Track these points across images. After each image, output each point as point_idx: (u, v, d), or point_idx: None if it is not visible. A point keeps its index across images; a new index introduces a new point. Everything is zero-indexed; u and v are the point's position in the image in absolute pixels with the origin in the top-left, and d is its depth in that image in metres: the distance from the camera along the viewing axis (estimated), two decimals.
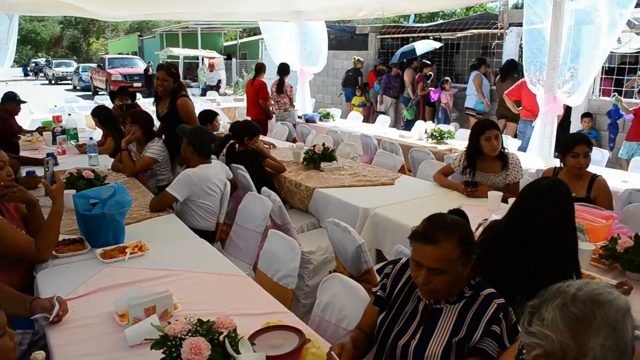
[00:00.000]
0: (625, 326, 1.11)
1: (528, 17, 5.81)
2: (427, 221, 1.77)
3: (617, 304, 1.12)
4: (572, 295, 1.14)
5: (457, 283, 1.76)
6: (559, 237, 2.07)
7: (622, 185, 4.22)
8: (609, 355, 1.08)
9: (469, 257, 1.74)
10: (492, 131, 3.73)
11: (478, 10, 16.31)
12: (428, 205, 3.62)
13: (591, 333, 1.09)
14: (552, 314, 1.12)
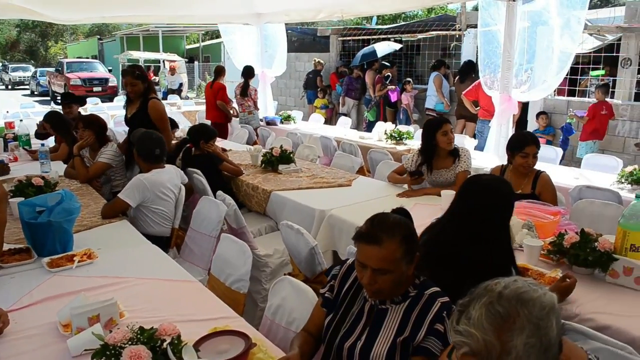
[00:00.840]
0: (549, 323, 1.12)
1: (483, 19, 5.91)
2: (370, 222, 1.77)
3: (541, 302, 1.14)
4: (498, 293, 1.15)
5: (402, 282, 1.77)
6: (497, 232, 2.11)
7: (574, 182, 4.33)
8: (532, 352, 1.09)
9: (413, 256, 1.76)
10: (448, 125, 3.82)
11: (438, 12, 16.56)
12: (384, 205, 3.60)
13: (514, 331, 1.10)
14: (479, 313, 1.13)
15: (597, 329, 2.03)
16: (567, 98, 8.50)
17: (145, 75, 4.61)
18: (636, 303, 2.26)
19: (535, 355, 1.09)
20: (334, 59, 12.87)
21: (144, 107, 4.50)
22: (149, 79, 4.63)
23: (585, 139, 7.19)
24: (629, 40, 7.74)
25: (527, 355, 1.09)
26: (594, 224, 3.41)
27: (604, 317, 2.12)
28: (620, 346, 1.77)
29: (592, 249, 2.47)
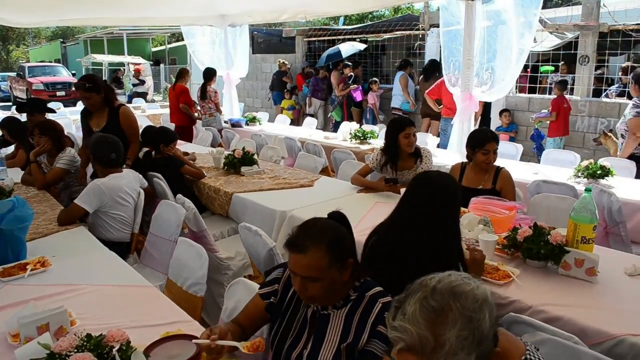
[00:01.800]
0: (482, 316, 1.14)
1: (444, 19, 5.98)
2: (298, 229, 1.76)
3: (474, 295, 1.16)
4: (432, 288, 1.17)
5: (338, 288, 1.74)
6: (445, 227, 2.14)
7: (533, 177, 4.41)
8: (465, 345, 1.11)
9: (343, 262, 1.72)
10: (411, 128, 3.83)
11: (404, 12, 16.70)
12: (345, 205, 3.65)
13: (447, 324, 1.12)
14: (413, 308, 1.15)
15: (550, 320, 2.09)
16: (528, 95, 8.66)
17: (98, 84, 4.33)
18: (587, 294, 2.32)
19: (468, 347, 1.11)
20: (300, 60, 12.88)
21: (114, 117, 4.32)
22: (104, 88, 4.37)
23: (553, 135, 7.36)
24: (586, 38, 7.93)
25: (460, 347, 1.11)
26: (550, 218, 3.51)
27: (557, 308, 2.16)
28: (567, 336, 1.82)
29: (544, 242, 2.52)
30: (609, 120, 7.41)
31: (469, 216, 2.96)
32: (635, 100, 5.03)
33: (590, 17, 7.85)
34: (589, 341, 1.94)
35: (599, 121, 7.56)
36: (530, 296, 2.27)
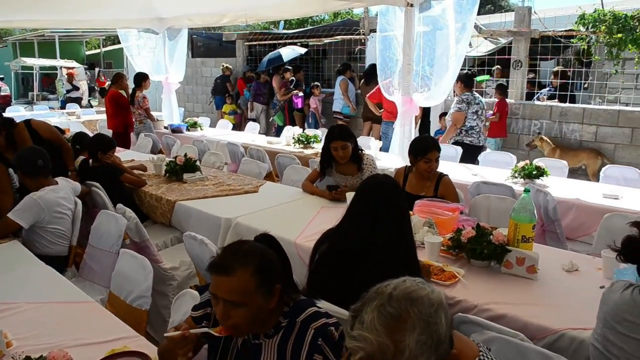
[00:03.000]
0: (438, 319, 1.16)
1: (381, 25, 6.07)
2: (223, 250, 1.66)
3: (429, 299, 1.18)
4: (388, 295, 1.18)
5: (265, 317, 1.63)
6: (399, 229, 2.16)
7: (472, 179, 4.53)
8: (424, 349, 1.12)
9: (271, 287, 1.61)
10: (338, 143, 3.80)
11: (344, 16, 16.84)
12: (291, 210, 3.66)
13: (406, 330, 1.13)
14: (371, 316, 1.15)
15: (494, 318, 2.14)
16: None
17: None
18: (529, 291, 2.40)
19: (428, 351, 1.13)
20: (240, 64, 12.77)
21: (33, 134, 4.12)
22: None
23: (494, 136, 7.61)
24: (519, 43, 8.24)
25: (420, 352, 1.12)
26: (491, 218, 3.62)
27: (501, 306, 2.23)
28: (513, 334, 1.87)
29: (487, 243, 2.59)
30: (541, 122, 7.72)
31: (414, 219, 3.00)
32: (459, 97, 5.99)
33: (522, 24, 8.16)
34: (532, 337, 2.00)
35: (532, 123, 7.87)
36: (476, 295, 2.32)
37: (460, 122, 5.95)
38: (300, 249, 2.92)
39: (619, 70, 7.32)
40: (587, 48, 7.68)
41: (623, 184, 4.70)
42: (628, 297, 1.63)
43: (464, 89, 6.08)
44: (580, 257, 2.87)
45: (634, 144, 6.96)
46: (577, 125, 7.43)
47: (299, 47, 11.75)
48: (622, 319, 1.61)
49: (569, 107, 7.57)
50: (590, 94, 8.34)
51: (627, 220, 3.09)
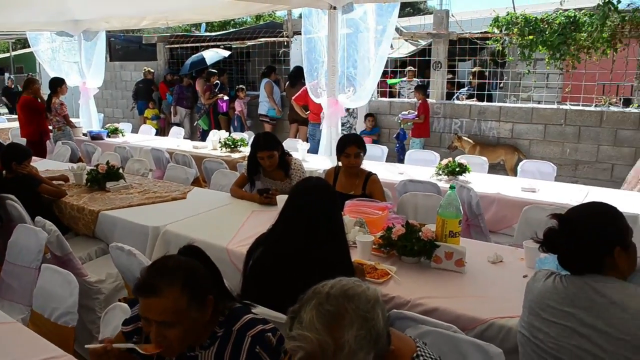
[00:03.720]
0: (375, 315, 1.19)
1: (305, 27, 6.11)
2: (147, 270, 1.58)
3: (366, 296, 1.21)
4: (326, 294, 1.20)
5: (200, 329, 1.59)
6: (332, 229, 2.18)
7: (399, 177, 4.64)
8: (363, 344, 1.15)
9: (203, 299, 1.57)
10: (264, 152, 3.78)
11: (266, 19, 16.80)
12: (221, 216, 3.60)
13: (345, 327, 1.15)
14: (310, 315, 1.17)
15: (427, 312, 2.20)
16: (389, 99, 9.13)
17: None
18: (458, 284, 2.48)
19: (367, 346, 1.15)
20: (162, 68, 12.44)
21: None
22: None
23: (418, 136, 7.83)
24: (438, 45, 8.53)
25: (359, 347, 1.14)
26: (419, 215, 3.71)
27: (432, 300, 2.28)
28: (446, 326, 1.93)
29: (417, 239, 2.65)
30: (461, 121, 8.03)
31: (345, 219, 3.02)
32: None
33: (441, 26, 8.46)
34: (464, 328, 2.07)
35: (453, 122, 8.17)
36: (408, 291, 2.37)
37: None
38: (233, 254, 2.88)
39: (531, 70, 7.73)
40: (501, 49, 8.04)
41: (539, 177, 4.97)
42: (551, 285, 1.72)
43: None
44: (503, 248, 3.00)
45: (547, 140, 7.38)
46: (494, 123, 7.78)
47: (222, 49, 11.60)
48: (546, 305, 1.69)
49: (487, 106, 7.92)
50: (506, 93, 8.77)
51: (545, 212, 3.27)
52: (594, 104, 7.30)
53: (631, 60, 7.05)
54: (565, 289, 1.68)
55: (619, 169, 6.90)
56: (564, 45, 7.09)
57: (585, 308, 1.61)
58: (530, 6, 8.69)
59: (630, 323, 1.53)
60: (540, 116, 7.42)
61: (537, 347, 1.69)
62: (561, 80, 8.10)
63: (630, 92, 7.83)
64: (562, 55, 7.16)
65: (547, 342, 1.66)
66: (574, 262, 1.70)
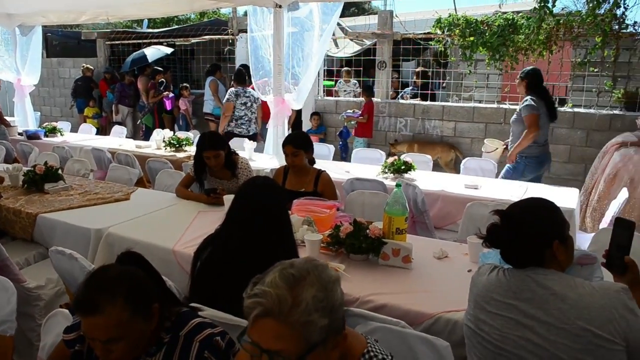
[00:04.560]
0: (335, 288, 1.24)
1: (250, 26, 6.07)
2: (85, 285, 1.50)
3: (329, 271, 1.26)
4: (289, 263, 1.26)
5: (147, 336, 1.55)
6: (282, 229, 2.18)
7: (346, 175, 4.68)
8: (319, 307, 1.18)
9: (148, 310, 1.52)
10: (210, 152, 3.74)
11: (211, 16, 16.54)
12: (167, 217, 3.53)
13: (305, 286, 1.19)
14: (272, 276, 1.21)
15: (376, 308, 2.23)
16: (335, 98, 9.18)
17: None
18: (405, 280, 2.52)
19: (323, 310, 1.18)
20: (102, 64, 12.07)
21: None
22: None
23: (362, 135, 7.91)
24: (382, 45, 8.65)
25: (315, 308, 1.18)
26: (366, 213, 3.76)
27: (381, 297, 2.32)
28: (395, 322, 1.96)
29: (364, 237, 2.68)
30: (406, 120, 8.17)
31: (293, 218, 3.03)
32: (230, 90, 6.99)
33: (385, 27, 8.58)
34: (412, 323, 2.11)
35: (398, 121, 8.30)
36: (357, 288, 2.39)
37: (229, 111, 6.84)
38: (180, 256, 2.82)
39: (472, 70, 7.95)
40: (443, 50, 8.23)
41: (481, 174, 5.13)
42: (494, 279, 1.78)
43: (237, 84, 7.04)
44: (448, 244, 3.07)
45: (488, 137, 7.60)
46: (438, 121, 7.97)
47: (164, 46, 11.36)
48: (491, 298, 1.75)
49: (430, 105, 8.10)
50: (449, 93, 8.98)
51: (487, 208, 3.40)
52: None
53: (565, 62, 7.36)
54: (508, 282, 1.74)
55: (556, 166, 7.20)
56: (502, 47, 7.34)
57: (527, 300, 1.67)
58: (471, 8, 8.91)
59: (569, 313, 1.59)
60: (481, 115, 7.64)
61: (483, 339, 1.74)
62: (500, 80, 8.37)
63: (565, 92, 8.17)
64: (501, 57, 7.41)
65: (491, 334, 1.71)
66: (515, 256, 1.76)
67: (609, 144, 5.71)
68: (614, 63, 7.06)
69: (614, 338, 1.55)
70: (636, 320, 1.58)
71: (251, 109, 6.89)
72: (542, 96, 4.96)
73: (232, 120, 6.85)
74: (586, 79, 7.47)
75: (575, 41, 7.10)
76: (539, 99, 4.91)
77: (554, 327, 1.60)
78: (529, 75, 5.02)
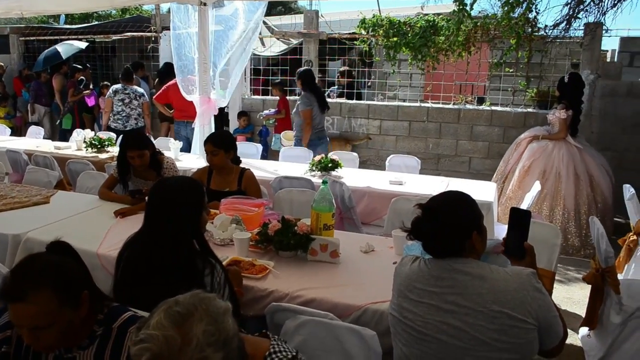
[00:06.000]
0: (226, 320, 1.18)
1: (174, 23, 5.96)
2: (12, 273, 1.49)
3: (217, 303, 1.20)
4: (174, 301, 1.18)
5: (78, 327, 1.55)
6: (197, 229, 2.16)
7: (274, 174, 4.69)
8: (211, 341, 1.13)
9: (77, 299, 1.52)
10: (134, 152, 3.67)
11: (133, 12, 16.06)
12: (90, 220, 3.42)
13: (193, 322, 1.13)
14: (157, 318, 1.14)
15: (306, 303, 2.28)
16: (262, 97, 9.16)
17: None
18: (334, 274, 2.59)
19: (215, 344, 1.13)
20: (16, 62, 11.44)
21: None
22: None
23: (281, 132, 7.92)
24: (308, 44, 8.71)
25: (207, 343, 1.12)
26: (294, 210, 3.80)
27: (310, 291, 2.37)
28: (323, 315, 2.02)
29: (293, 234, 2.72)
30: (333, 118, 8.28)
31: (222, 217, 3.03)
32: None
33: (311, 26, 8.65)
34: (341, 315, 2.17)
35: (325, 119, 8.38)
36: (286, 284, 2.43)
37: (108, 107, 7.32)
38: (105, 259, 2.75)
39: (395, 70, 8.17)
40: (368, 50, 8.40)
41: (405, 171, 5.30)
42: (416, 268, 1.86)
43: (122, 81, 7.38)
44: (375, 238, 3.17)
45: (412, 135, 7.85)
46: (364, 120, 8.13)
47: (77, 41, 10.84)
48: (413, 287, 1.83)
49: (356, 104, 8.24)
50: (374, 92, 9.17)
51: (411, 203, 3.49)
52: (452, 102, 7.88)
53: (483, 63, 7.71)
54: (430, 271, 1.83)
55: (476, 162, 7.54)
56: (424, 47, 7.58)
57: (448, 287, 1.77)
58: (394, 9, 9.13)
59: (486, 297, 1.70)
60: (405, 113, 7.87)
61: (407, 326, 1.82)
62: (423, 79, 8.65)
63: (484, 91, 8.56)
64: (423, 57, 7.65)
65: (415, 321, 1.79)
66: (436, 247, 1.86)
67: (521, 136, 6.06)
68: (527, 64, 7.47)
69: (527, 318, 1.68)
70: (544, 299, 1.72)
71: (130, 105, 7.22)
72: (314, 92, 6.10)
73: (111, 117, 7.28)
74: (502, 79, 7.86)
75: (491, 43, 7.44)
76: (311, 95, 6.04)
77: (472, 310, 1.71)
78: (302, 75, 6.18)
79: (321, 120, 6.27)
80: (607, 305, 3.21)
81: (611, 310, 3.15)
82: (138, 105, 7.30)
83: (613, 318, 3.13)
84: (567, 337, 1.83)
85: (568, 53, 7.52)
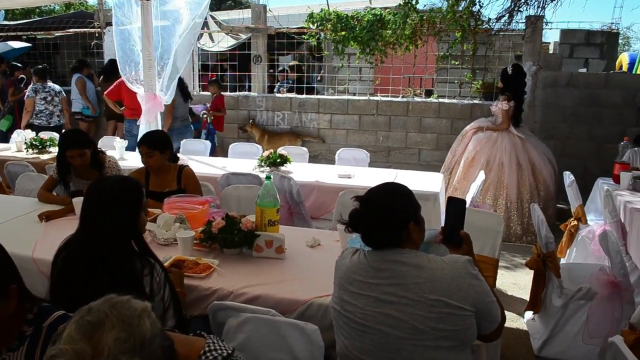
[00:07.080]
0: (142, 322, 1.14)
1: (117, 18, 5.80)
2: None
3: (131, 304, 1.16)
4: (87, 308, 1.14)
5: (5, 324, 1.51)
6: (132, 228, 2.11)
7: (222, 171, 4.64)
8: (125, 348, 1.09)
9: (5, 290, 1.49)
10: (74, 151, 3.57)
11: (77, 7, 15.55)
12: (28, 223, 3.30)
13: (104, 331, 1.09)
14: (69, 330, 1.10)
15: (250, 300, 2.26)
16: (209, 93, 9.03)
17: None
18: (279, 270, 2.58)
19: (130, 350, 1.09)
20: None
21: None
22: None
23: (219, 129, 7.89)
24: (257, 39, 8.63)
25: (120, 351, 1.08)
26: (242, 207, 3.76)
27: (255, 288, 2.35)
28: (265, 311, 2.00)
29: (237, 231, 2.70)
30: (284, 113, 8.25)
31: (165, 216, 2.98)
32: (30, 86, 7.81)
33: (259, 21, 8.57)
34: (285, 311, 2.17)
35: (276, 114, 8.36)
36: (231, 282, 2.41)
37: (30, 107, 7.58)
38: (41, 263, 2.65)
39: (345, 64, 8.20)
40: (317, 44, 8.40)
41: (354, 164, 5.33)
42: (356, 261, 1.87)
43: (37, 80, 7.68)
44: (322, 232, 3.18)
45: (362, 129, 7.90)
46: (314, 114, 8.13)
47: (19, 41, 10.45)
48: (353, 280, 1.84)
49: (307, 98, 8.24)
50: (324, 86, 9.18)
51: None
52: (401, 95, 7.98)
53: (430, 56, 7.83)
54: (369, 262, 1.84)
55: (425, 153, 7.66)
56: (372, 41, 7.63)
57: (387, 277, 1.78)
58: (342, 4, 9.17)
59: (424, 286, 1.73)
60: (355, 107, 7.91)
61: (348, 319, 1.82)
62: (372, 73, 8.72)
63: (431, 84, 8.70)
64: (371, 51, 7.71)
65: (355, 313, 1.80)
66: (375, 238, 1.87)
67: (467, 128, 6.19)
68: (472, 57, 7.63)
69: (464, 305, 1.71)
70: (480, 285, 1.76)
71: (52, 102, 7.62)
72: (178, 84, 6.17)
73: (33, 115, 7.54)
74: (449, 72, 8.00)
75: (438, 36, 7.56)
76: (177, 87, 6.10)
77: (411, 300, 1.72)
78: None
79: (183, 110, 6.73)
80: (549, 289, 3.32)
81: (553, 294, 3.27)
82: (59, 101, 7.71)
83: (555, 301, 3.25)
84: (505, 322, 1.87)
85: (511, 45, 7.73)
